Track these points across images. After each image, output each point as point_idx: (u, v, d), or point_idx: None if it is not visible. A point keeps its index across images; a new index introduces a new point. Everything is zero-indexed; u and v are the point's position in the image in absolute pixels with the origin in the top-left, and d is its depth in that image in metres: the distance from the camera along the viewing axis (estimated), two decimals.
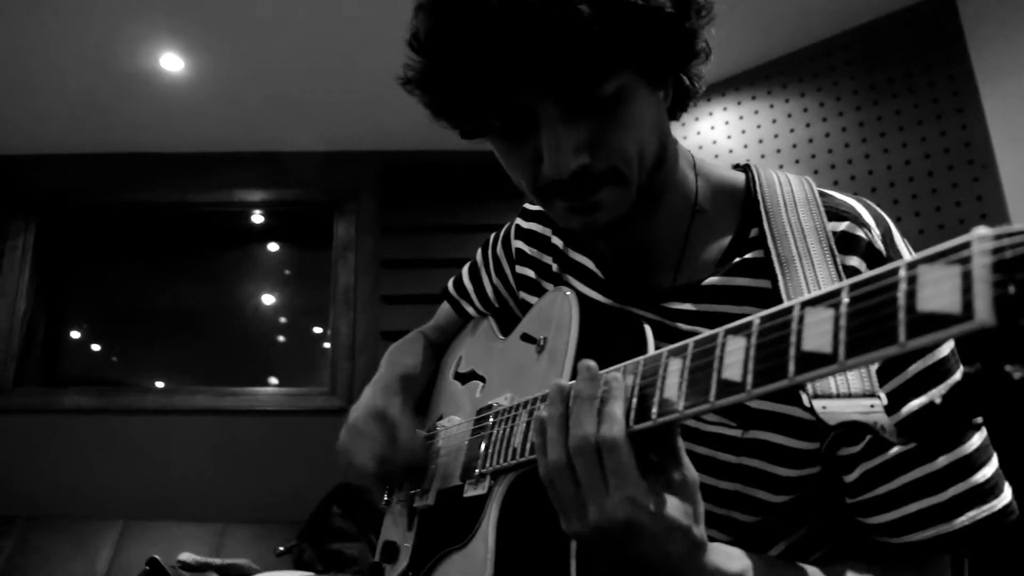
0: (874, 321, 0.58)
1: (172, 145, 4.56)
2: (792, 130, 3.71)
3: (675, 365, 0.76)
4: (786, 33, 3.70)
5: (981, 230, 0.53)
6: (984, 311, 0.50)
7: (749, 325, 0.70)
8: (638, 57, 0.88)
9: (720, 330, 0.73)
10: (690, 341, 0.76)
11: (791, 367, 0.63)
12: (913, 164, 3.34)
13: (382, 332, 4.33)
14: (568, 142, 0.90)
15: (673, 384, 0.75)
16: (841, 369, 0.60)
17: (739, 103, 3.90)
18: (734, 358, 0.69)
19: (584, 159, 0.91)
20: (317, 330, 4.78)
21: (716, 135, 3.91)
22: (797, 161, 3.65)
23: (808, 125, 3.67)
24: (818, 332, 0.62)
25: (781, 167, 3.69)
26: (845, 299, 0.61)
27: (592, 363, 0.83)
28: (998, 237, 0.51)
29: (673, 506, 0.75)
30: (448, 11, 0.87)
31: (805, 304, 0.65)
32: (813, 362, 0.62)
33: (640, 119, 0.93)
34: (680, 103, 1.05)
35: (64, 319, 4.78)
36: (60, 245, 4.74)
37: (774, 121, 3.78)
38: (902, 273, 0.57)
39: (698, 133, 3.96)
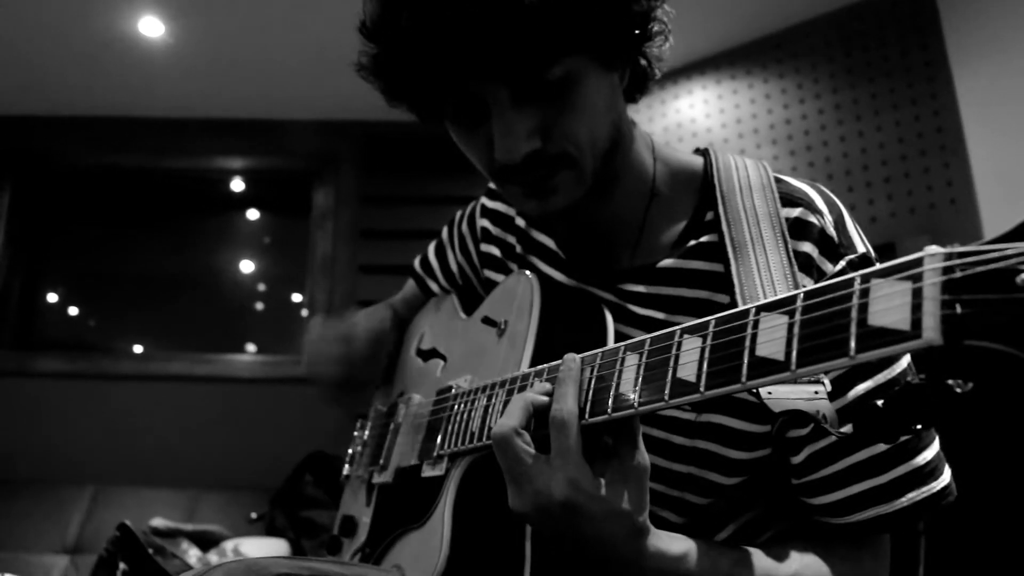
0: (827, 331, 0.59)
1: (152, 109, 4.49)
2: (769, 111, 3.72)
3: (631, 360, 0.78)
4: (766, 14, 3.69)
5: (932, 248, 0.54)
6: (932, 330, 0.52)
7: (706, 325, 0.71)
8: (588, 40, 0.88)
9: (677, 328, 0.74)
10: (647, 337, 0.78)
11: (744, 371, 0.65)
12: (887, 148, 3.36)
13: (359, 302, 4.29)
14: (519, 127, 0.90)
15: (629, 379, 0.77)
16: (792, 377, 0.61)
17: (718, 82, 3.89)
18: (689, 357, 0.71)
19: (535, 143, 0.91)
20: (296, 298, 4.77)
21: (694, 113, 3.91)
22: (774, 141, 3.66)
23: (785, 106, 3.67)
24: (772, 338, 0.64)
25: (758, 147, 3.70)
26: (799, 307, 0.62)
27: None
28: (948, 256, 0.52)
29: (616, 492, 0.76)
30: None
31: (760, 308, 0.66)
32: (765, 367, 0.63)
33: (592, 102, 0.93)
34: (638, 86, 1.05)
35: (40, 282, 4.73)
36: (37, 208, 4.67)
37: (752, 101, 3.78)
38: (856, 285, 0.58)
39: (676, 111, 3.95)
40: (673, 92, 3.98)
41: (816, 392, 0.74)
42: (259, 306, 4.95)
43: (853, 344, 0.57)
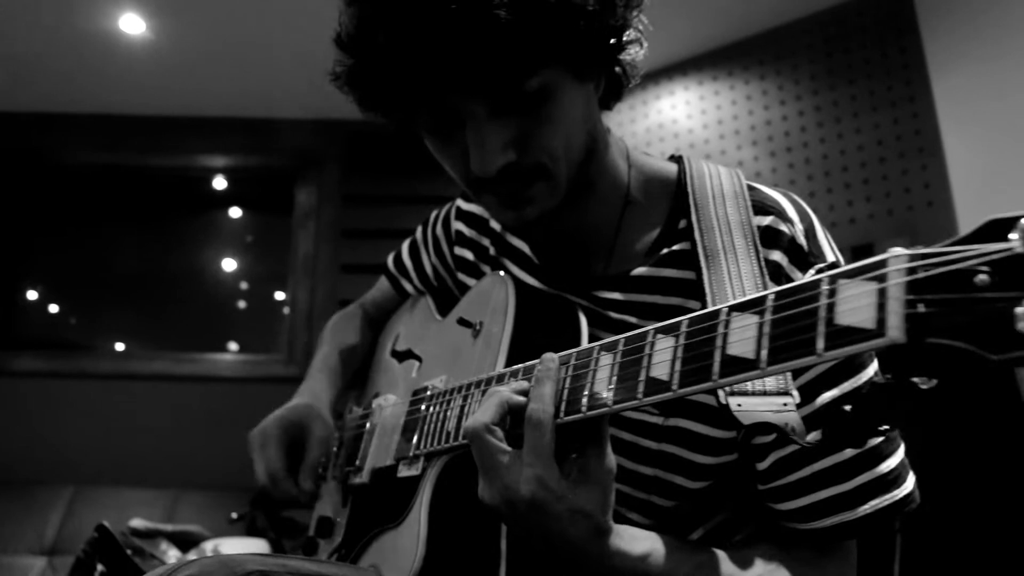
0: (795, 330, 0.60)
1: (134, 107, 4.47)
2: (751, 112, 3.74)
3: (606, 360, 0.78)
4: (749, 15, 3.71)
5: (897, 249, 0.55)
6: (896, 328, 0.53)
7: (678, 325, 0.72)
8: (563, 53, 0.89)
9: (650, 328, 0.75)
10: (621, 337, 0.79)
11: (716, 369, 0.66)
12: (866, 150, 3.40)
13: (341, 301, 4.30)
14: (494, 140, 0.91)
15: (603, 378, 0.77)
16: (763, 375, 0.62)
17: (700, 83, 3.91)
18: (662, 357, 0.72)
19: (510, 156, 0.92)
20: (279, 296, 4.76)
21: (676, 115, 3.93)
22: (755, 143, 3.69)
23: (766, 108, 3.70)
24: (743, 337, 0.65)
25: (739, 148, 3.73)
26: (769, 307, 0.63)
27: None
28: (912, 258, 0.54)
29: (581, 493, 0.77)
30: (372, 13, 0.88)
31: (732, 309, 0.67)
32: (737, 366, 0.64)
33: (567, 114, 0.94)
34: (613, 93, 1.05)
35: (20, 279, 4.70)
36: (15, 204, 4.64)
37: (734, 102, 3.80)
38: (823, 286, 0.59)
39: (659, 112, 3.97)
40: (655, 93, 4.00)
41: (785, 404, 0.76)
42: (241, 304, 4.93)
43: (821, 342, 0.58)
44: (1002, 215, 0.51)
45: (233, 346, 4.62)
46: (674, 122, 3.93)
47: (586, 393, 0.78)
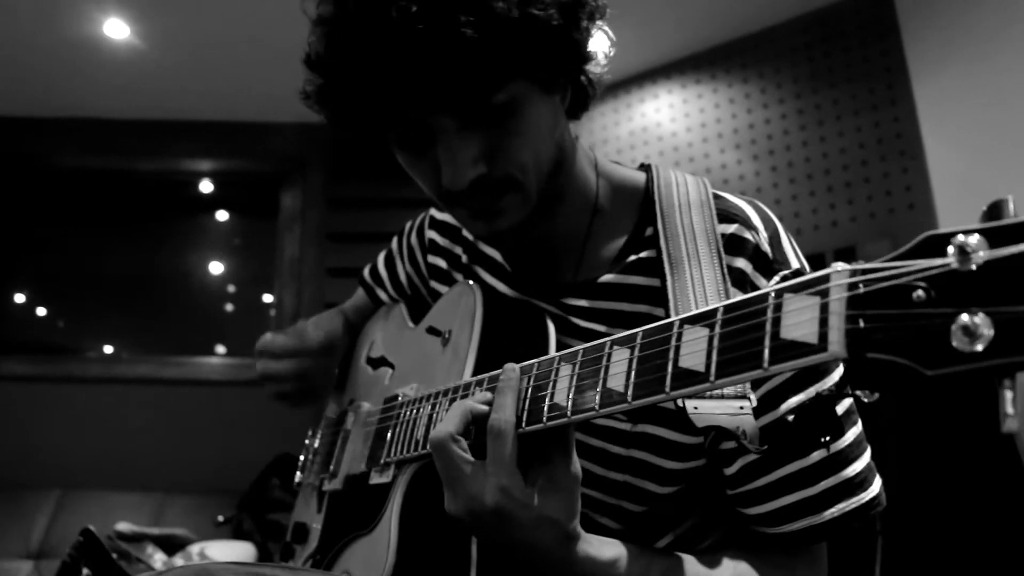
0: (743, 344, 0.61)
1: (120, 111, 4.46)
2: (734, 115, 3.76)
3: (565, 370, 0.79)
4: (731, 19, 3.72)
5: (839, 265, 0.56)
6: (836, 343, 0.54)
7: (634, 337, 0.73)
8: (529, 67, 0.90)
9: (607, 340, 0.76)
10: (580, 348, 0.79)
11: (668, 382, 0.67)
12: (848, 153, 3.41)
13: (327, 304, 4.31)
14: (464, 154, 0.92)
15: (563, 389, 0.78)
16: (712, 388, 0.63)
17: (683, 86, 3.92)
18: (618, 368, 0.73)
19: (481, 169, 0.93)
20: (267, 299, 4.76)
21: (660, 118, 3.94)
22: (737, 146, 3.70)
23: (749, 111, 3.72)
24: (693, 350, 0.66)
25: (722, 151, 3.74)
26: (719, 320, 0.64)
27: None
28: (853, 273, 0.54)
29: (546, 500, 0.78)
30: (339, 32, 0.89)
31: (684, 321, 0.68)
32: (688, 379, 0.65)
33: (535, 126, 0.95)
34: (580, 103, 1.07)
35: (8, 282, 4.69)
36: (3, 208, 4.64)
37: (716, 106, 3.82)
38: (770, 300, 0.60)
39: (642, 115, 3.98)
40: (639, 96, 4.01)
41: (741, 407, 0.76)
42: (228, 307, 4.93)
43: (767, 356, 0.58)
44: (939, 231, 0.51)
45: (220, 349, 4.61)
46: (658, 125, 3.94)
47: (547, 403, 0.79)
